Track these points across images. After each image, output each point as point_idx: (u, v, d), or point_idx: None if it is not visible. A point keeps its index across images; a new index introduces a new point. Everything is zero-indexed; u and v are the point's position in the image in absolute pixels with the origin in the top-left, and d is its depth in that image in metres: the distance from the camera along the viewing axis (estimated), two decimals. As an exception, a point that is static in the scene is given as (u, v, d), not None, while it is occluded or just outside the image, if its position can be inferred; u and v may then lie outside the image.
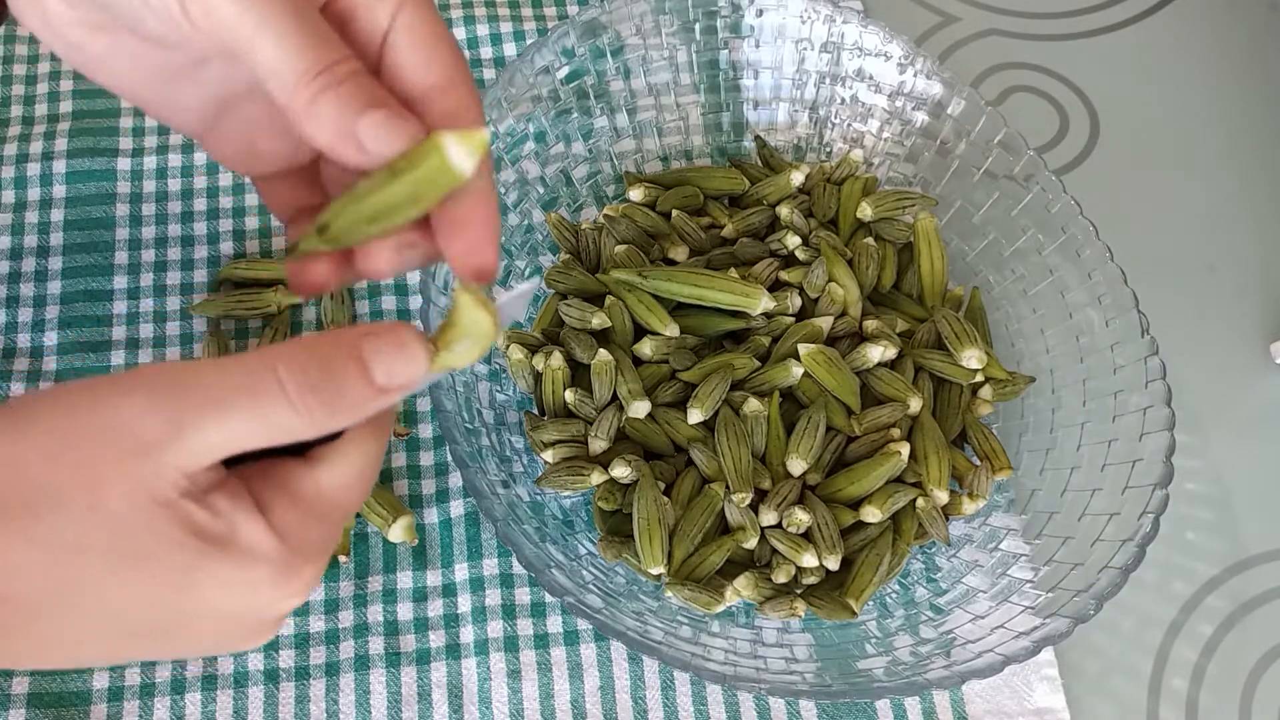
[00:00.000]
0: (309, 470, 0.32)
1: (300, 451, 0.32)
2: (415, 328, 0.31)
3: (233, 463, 0.31)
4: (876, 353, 0.55)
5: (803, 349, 0.54)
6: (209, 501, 0.30)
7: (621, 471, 0.51)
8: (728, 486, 0.52)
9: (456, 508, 0.54)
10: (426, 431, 0.56)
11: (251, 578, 0.30)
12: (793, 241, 0.58)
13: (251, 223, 0.61)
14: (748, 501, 0.51)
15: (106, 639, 0.31)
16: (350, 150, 0.30)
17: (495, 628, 0.51)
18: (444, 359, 0.31)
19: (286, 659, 0.50)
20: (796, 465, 0.52)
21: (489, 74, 0.67)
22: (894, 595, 0.52)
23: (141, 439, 0.29)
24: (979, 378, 0.56)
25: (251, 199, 0.62)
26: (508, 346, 0.54)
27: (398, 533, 0.52)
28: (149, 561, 0.29)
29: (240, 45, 0.30)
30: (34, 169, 0.61)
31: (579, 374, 0.55)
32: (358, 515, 0.53)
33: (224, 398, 0.29)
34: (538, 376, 0.54)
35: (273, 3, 0.29)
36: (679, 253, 0.59)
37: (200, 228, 0.61)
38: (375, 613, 0.51)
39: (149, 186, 0.62)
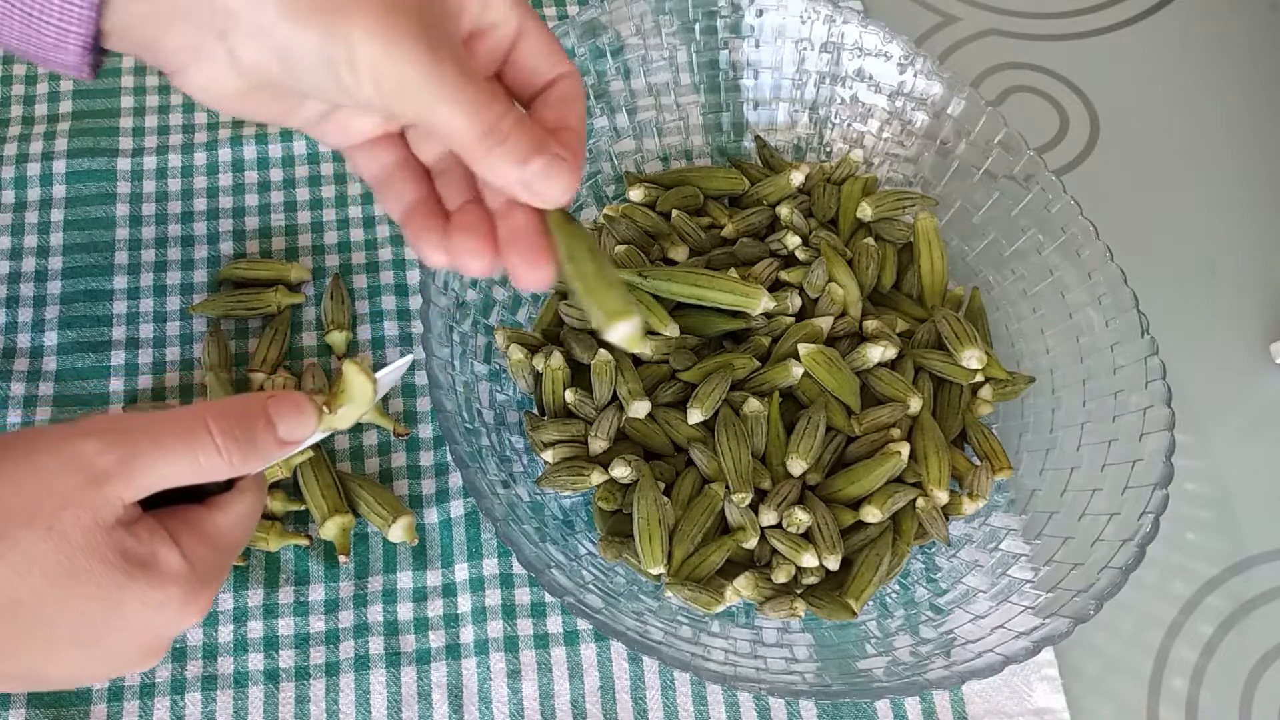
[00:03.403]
0: (209, 512, 0.38)
1: (198, 499, 0.39)
2: (307, 396, 0.39)
3: (146, 507, 0.37)
4: (876, 353, 0.55)
5: (803, 349, 0.54)
6: (135, 530, 0.36)
7: (621, 471, 0.51)
8: (728, 486, 0.52)
9: (456, 508, 0.54)
10: (426, 431, 0.56)
11: (164, 597, 0.36)
12: (793, 241, 0.58)
13: (251, 223, 0.61)
14: (748, 501, 0.51)
15: (37, 649, 0.35)
16: (522, 194, 0.36)
17: (495, 628, 0.51)
18: (329, 420, 0.39)
19: (286, 659, 0.50)
20: (796, 465, 0.52)
21: (489, 74, 0.67)
22: (894, 595, 0.52)
23: (97, 471, 0.35)
24: (979, 378, 0.56)
25: (251, 199, 0.62)
26: (508, 346, 0.55)
27: (398, 533, 0.52)
28: (86, 578, 0.35)
29: (420, 116, 0.35)
30: (34, 169, 0.61)
31: (579, 374, 0.55)
32: (357, 515, 0.53)
33: (165, 443, 0.36)
34: (538, 376, 0.54)
35: (446, 75, 0.34)
36: (679, 253, 0.59)
37: (200, 228, 0.61)
38: (375, 613, 0.51)
39: (149, 186, 0.62)
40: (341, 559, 0.52)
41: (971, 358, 0.55)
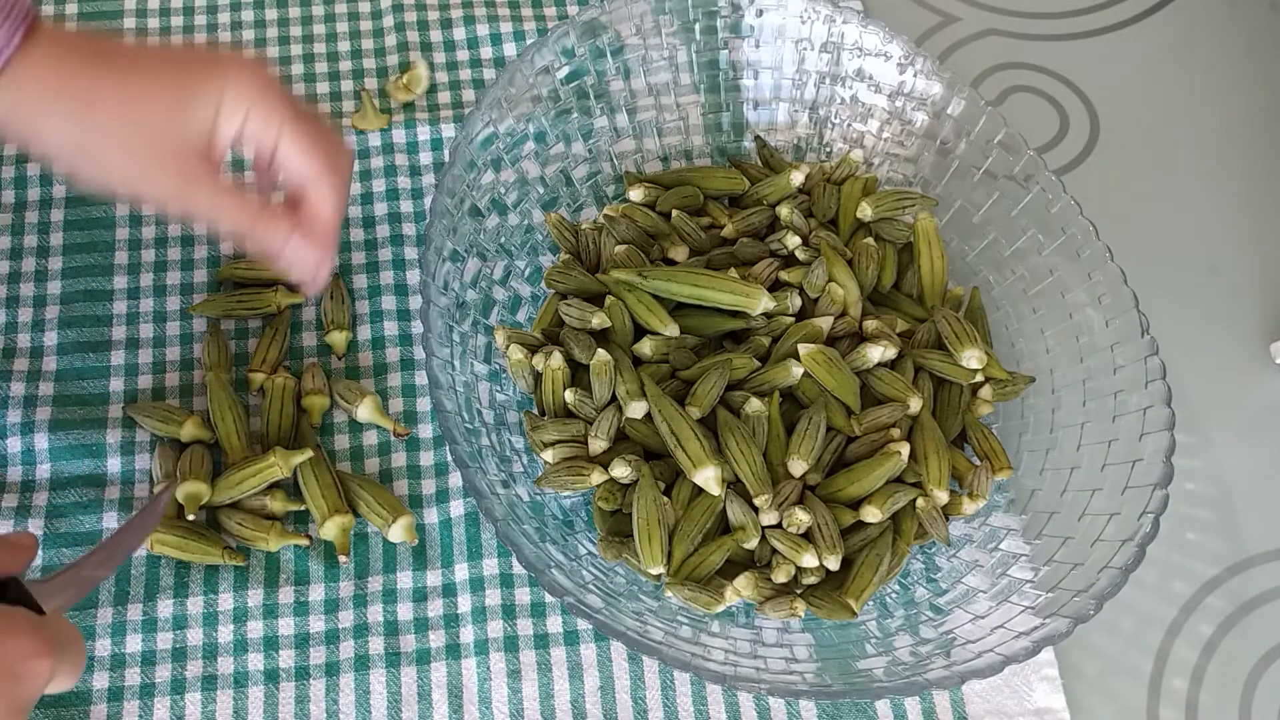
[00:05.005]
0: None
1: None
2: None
3: None
4: (876, 353, 0.55)
5: (803, 349, 0.54)
6: None
7: (621, 471, 0.51)
8: (744, 490, 0.51)
9: (456, 508, 0.54)
10: (426, 431, 0.56)
11: None
12: (793, 241, 0.58)
13: (251, 223, 0.61)
14: (771, 501, 0.51)
15: None
16: (283, 267, 0.49)
17: (495, 628, 0.51)
18: None
19: (286, 659, 0.50)
20: (797, 466, 0.52)
21: (489, 74, 0.67)
22: (894, 595, 0.52)
23: None
24: (979, 378, 0.56)
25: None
26: (508, 346, 0.54)
27: (398, 533, 0.52)
28: None
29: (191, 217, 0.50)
30: (34, 169, 0.61)
31: (579, 374, 0.55)
32: (357, 515, 0.53)
33: None
34: (538, 376, 0.54)
35: (199, 197, 0.47)
36: (679, 253, 0.59)
37: (200, 228, 0.61)
38: (375, 613, 0.51)
39: (149, 186, 0.62)
40: (341, 559, 0.52)
41: (971, 358, 0.55)
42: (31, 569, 0.51)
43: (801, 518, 0.51)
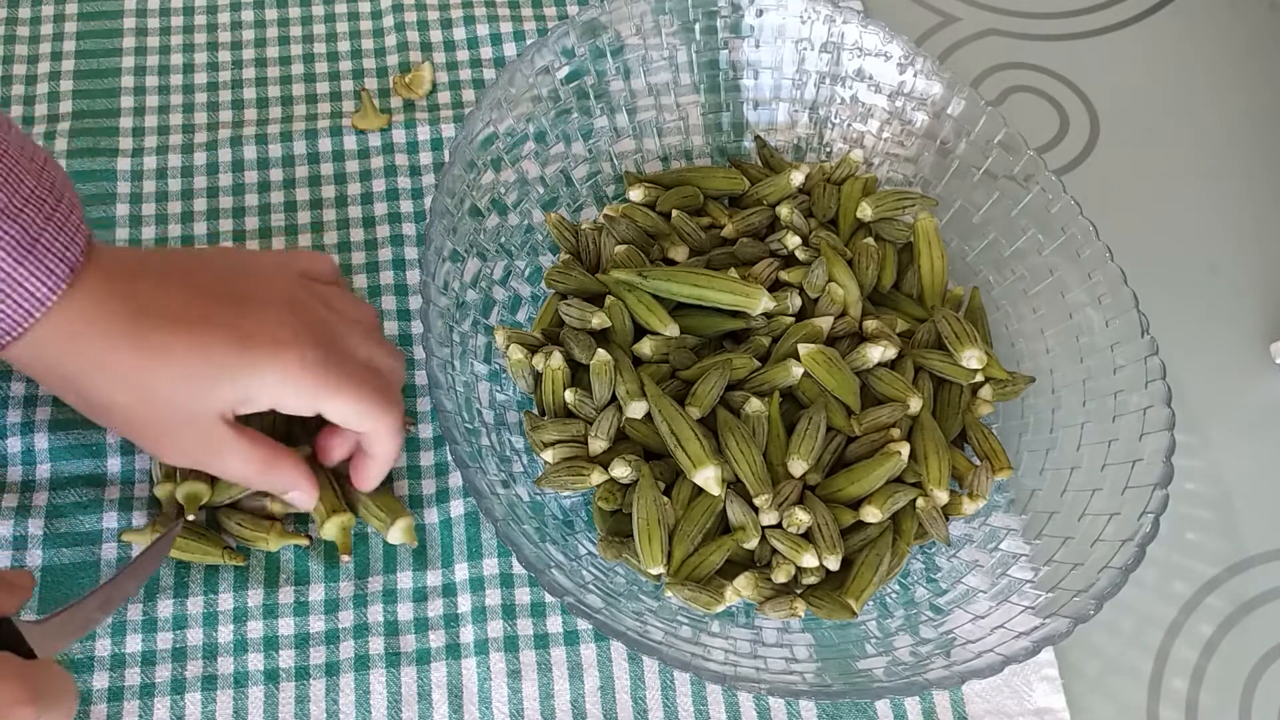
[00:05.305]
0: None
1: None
2: None
3: None
4: (876, 353, 0.55)
5: (803, 349, 0.54)
6: None
7: (621, 471, 0.51)
8: (744, 490, 0.51)
9: (456, 508, 0.54)
10: (426, 431, 0.56)
11: None
12: (793, 241, 0.58)
13: (251, 223, 0.61)
14: (771, 501, 0.51)
15: None
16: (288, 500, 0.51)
17: (495, 628, 0.51)
18: None
19: (286, 659, 0.50)
20: (797, 466, 0.52)
21: (489, 74, 0.67)
22: (894, 595, 0.52)
23: None
24: (979, 378, 0.56)
25: (251, 199, 0.62)
26: (508, 346, 0.55)
27: (397, 535, 0.52)
28: None
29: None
30: (34, 169, 0.61)
31: (579, 374, 0.55)
32: (357, 516, 0.53)
33: None
34: (538, 376, 0.54)
35: (228, 463, 0.48)
36: (679, 253, 0.59)
37: (200, 228, 0.61)
38: (375, 613, 0.51)
39: (149, 186, 0.62)
40: (342, 559, 0.52)
41: (971, 358, 0.55)
42: (32, 568, 0.51)
43: (801, 518, 0.51)
